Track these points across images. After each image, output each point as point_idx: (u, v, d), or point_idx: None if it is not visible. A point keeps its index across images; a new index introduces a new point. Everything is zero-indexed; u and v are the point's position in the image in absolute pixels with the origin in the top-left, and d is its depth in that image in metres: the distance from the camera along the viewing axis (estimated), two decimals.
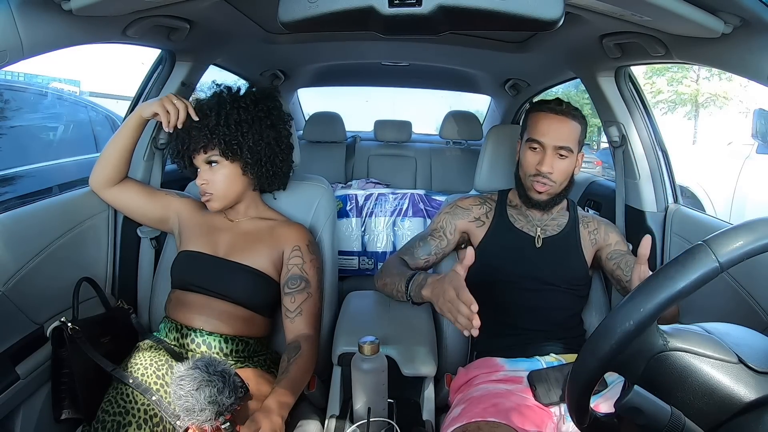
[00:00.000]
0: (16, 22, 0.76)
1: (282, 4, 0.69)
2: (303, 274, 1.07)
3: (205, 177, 1.07)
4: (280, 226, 1.13)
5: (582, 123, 1.09)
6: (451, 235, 1.17)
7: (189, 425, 0.82)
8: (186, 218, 1.16)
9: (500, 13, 0.66)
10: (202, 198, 1.10)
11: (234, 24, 1.30)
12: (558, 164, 1.07)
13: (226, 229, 1.13)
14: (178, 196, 1.20)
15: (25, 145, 2.63)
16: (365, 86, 3.08)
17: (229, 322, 1.03)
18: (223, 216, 1.15)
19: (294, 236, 1.10)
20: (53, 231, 1.05)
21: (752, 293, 0.96)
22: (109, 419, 0.87)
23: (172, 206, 1.17)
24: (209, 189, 1.08)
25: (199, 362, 0.85)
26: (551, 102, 1.09)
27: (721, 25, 0.78)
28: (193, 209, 1.17)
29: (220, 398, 0.81)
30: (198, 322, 1.02)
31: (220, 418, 0.81)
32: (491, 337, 1.12)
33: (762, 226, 0.49)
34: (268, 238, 1.10)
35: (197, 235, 1.11)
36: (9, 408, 0.91)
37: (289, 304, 1.05)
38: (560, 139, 1.06)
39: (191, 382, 0.82)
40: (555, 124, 1.07)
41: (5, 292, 0.91)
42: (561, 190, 1.11)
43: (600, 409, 0.74)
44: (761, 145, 3.90)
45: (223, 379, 0.83)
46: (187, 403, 0.81)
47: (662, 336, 0.52)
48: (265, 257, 1.08)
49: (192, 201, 1.19)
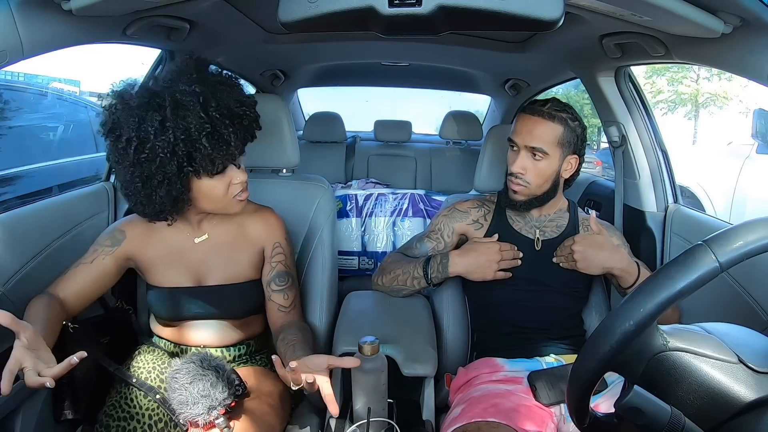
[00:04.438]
0: (16, 22, 0.76)
1: (282, 4, 0.69)
2: (288, 270, 1.04)
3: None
4: (249, 220, 1.03)
5: (565, 125, 1.05)
6: (448, 238, 1.17)
7: (186, 422, 0.82)
8: (139, 252, 0.98)
9: (500, 13, 0.66)
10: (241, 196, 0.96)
11: (234, 24, 1.30)
12: (531, 165, 1.06)
13: (191, 249, 1.00)
14: (113, 239, 0.98)
15: (25, 145, 2.63)
16: (365, 86, 3.08)
17: (226, 335, 1.02)
18: (185, 234, 1.00)
19: (272, 232, 1.04)
20: (53, 231, 1.05)
21: (752, 293, 0.96)
22: (114, 424, 0.87)
23: (118, 256, 0.97)
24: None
25: (194, 356, 0.85)
26: (536, 102, 1.08)
27: (721, 25, 0.78)
28: (141, 238, 0.98)
29: (213, 392, 0.81)
30: (193, 341, 1.00)
31: (213, 413, 0.81)
32: (491, 337, 1.12)
33: (762, 226, 0.49)
34: (243, 241, 1.02)
35: (165, 267, 0.98)
36: (9, 408, 0.91)
37: (282, 300, 1.02)
38: (532, 140, 1.05)
39: (185, 375, 0.82)
40: (529, 124, 1.06)
41: (5, 292, 0.91)
42: (541, 192, 1.09)
43: (600, 409, 0.74)
44: (761, 145, 3.90)
45: (217, 374, 0.83)
46: (180, 396, 0.81)
47: (662, 336, 0.52)
48: (245, 264, 1.02)
49: (133, 227, 0.99)
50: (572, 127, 1.06)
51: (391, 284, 1.17)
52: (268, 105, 1.23)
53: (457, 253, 1.11)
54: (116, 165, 0.88)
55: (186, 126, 0.83)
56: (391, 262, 1.22)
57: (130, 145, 0.83)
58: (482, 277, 1.08)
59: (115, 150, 0.86)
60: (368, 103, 3.96)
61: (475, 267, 1.08)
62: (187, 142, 0.84)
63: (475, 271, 1.08)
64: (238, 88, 0.94)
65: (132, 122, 0.83)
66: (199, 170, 0.87)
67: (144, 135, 0.83)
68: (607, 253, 1.05)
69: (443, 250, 1.18)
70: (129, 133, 0.83)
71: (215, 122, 0.86)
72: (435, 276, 1.11)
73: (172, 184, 0.86)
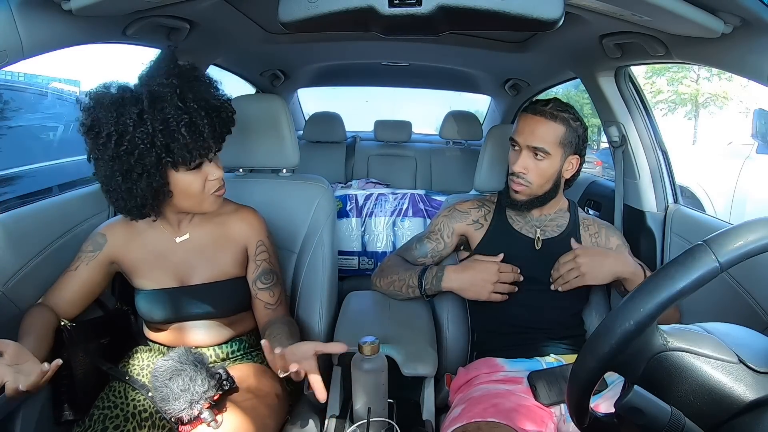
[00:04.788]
0: (16, 22, 0.76)
1: (282, 4, 0.69)
2: (272, 268, 1.05)
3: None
4: (230, 219, 1.04)
5: (567, 125, 1.05)
6: (448, 239, 1.17)
7: (173, 418, 0.83)
8: (122, 254, 0.99)
9: (500, 13, 0.66)
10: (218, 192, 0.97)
11: (234, 24, 1.30)
12: (534, 165, 1.06)
13: (173, 249, 1.00)
14: (94, 244, 0.99)
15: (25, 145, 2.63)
16: (365, 86, 3.08)
17: (217, 333, 1.02)
18: (166, 234, 1.00)
19: (253, 230, 1.04)
20: (53, 231, 1.05)
21: (752, 293, 0.96)
22: (98, 413, 0.89)
23: (101, 261, 0.98)
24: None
25: (173, 353, 0.86)
26: (538, 102, 1.09)
27: (721, 25, 0.78)
28: (122, 241, 0.99)
29: (192, 386, 0.81)
30: (185, 343, 1.00)
31: (195, 407, 0.81)
32: (491, 337, 1.12)
33: (762, 226, 0.49)
34: (224, 239, 1.02)
35: (148, 268, 0.99)
36: (9, 408, 0.91)
37: (268, 298, 1.03)
38: (534, 140, 1.05)
39: (164, 372, 0.83)
40: (532, 124, 1.06)
41: (5, 292, 0.91)
42: (542, 192, 1.09)
43: (600, 409, 0.74)
44: (761, 145, 3.90)
45: (195, 367, 0.83)
46: (162, 393, 0.82)
47: (662, 336, 0.52)
48: (228, 262, 1.02)
49: (114, 230, 1.00)
50: (574, 127, 1.06)
51: (387, 288, 1.17)
52: (268, 105, 1.24)
53: (453, 268, 1.09)
54: (96, 162, 0.89)
55: (164, 117, 0.84)
56: (389, 265, 1.21)
57: (110, 139, 0.84)
58: (476, 297, 1.06)
59: (95, 147, 0.87)
60: (368, 103, 3.96)
61: (469, 285, 1.06)
62: (165, 132, 0.85)
63: (468, 289, 1.07)
64: (213, 83, 0.96)
65: (110, 117, 0.84)
66: (177, 161, 0.88)
67: (123, 128, 0.84)
68: (613, 259, 1.04)
69: (443, 251, 1.18)
70: (108, 128, 0.84)
71: (192, 113, 0.87)
72: (429, 288, 1.10)
73: (152, 176, 0.87)
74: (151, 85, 0.86)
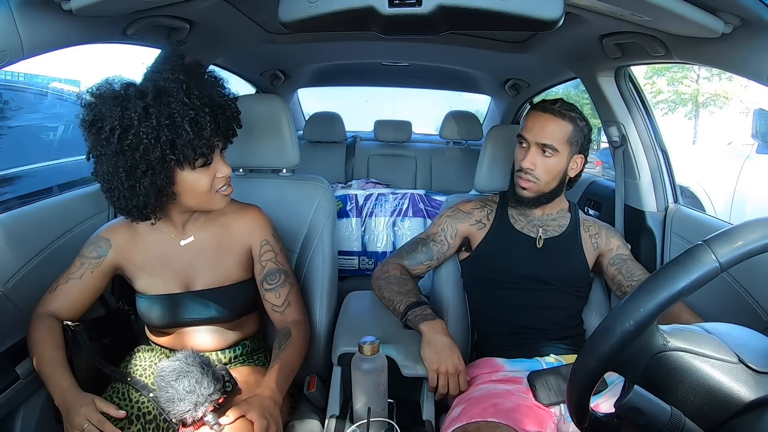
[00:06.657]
0: (16, 22, 0.76)
1: (282, 4, 0.69)
2: (279, 267, 1.02)
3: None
4: (234, 219, 1.02)
5: (575, 124, 1.07)
6: (452, 239, 1.17)
7: (176, 420, 0.83)
8: (126, 260, 0.97)
9: (500, 13, 0.66)
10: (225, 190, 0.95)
11: (234, 24, 1.30)
12: (542, 161, 1.07)
13: (177, 252, 0.98)
14: (98, 249, 0.97)
15: (26, 145, 2.63)
16: (365, 86, 3.08)
17: (220, 338, 1.01)
18: (170, 236, 0.98)
19: (257, 230, 1.02)
20: (53, 231, 1.05)
21: (752, 293, 0.96)
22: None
23: (105, 268, 0.97)
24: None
25: (180, 354, 0.86)
26: (546, 101, 1.10)
27: (721, 25, 0.78)
28: (126, 245, 0.97)
29: (198, 388, 0.81)
30: (188, 347, 0.98)
31: (200, 409, 0.81)
32: (491, 337, 1.12)
33: (762, 226, 0.49)
34: (228, 241, 1.00)
35: (152, 274, 0.97)
36: (9, 408, 0.91)
37: (274, 299, 1.01)
38: (543, 136, 1.06)
39: (170, 373, 0.82)
40: (541, 121, 1.07)
41: (5, 292, 0.91)
42: (549, 189, 1.10)
43: (600, 409, 0.74)
44: (761, 145, 3.89)
45: (202, 370, 0.83)
46: (167, 393, 0.81)
47: (662, 336, 0.52)
48: (233, 266, 1.00)
49: (116, 233, 0.98)
50: (580, 126, 1.08)
51: (380, 298, 1.15)
52: (268, 105, 1.24)
53: (433, 330, 1.00)
54: (98, 158, 0.86)
55: (170, 112, 0.83)
56: (387, 278, 1.14)
57: (114, 134, 0.82)
58: (429, 362, 0.96)
59: (97, 142, 0.85)
60: (368, 103, 3.96)
61: (432, 357, 0.96)
62: (170, 127, 0.83)
63: (431, 359, 0.96)
64: (219, 81, 0.94)
65: (115, 111, 0.82)
66: (181, 159, 0.86)
67: (128, 122, 0.82)
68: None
69: (446, 252, 1.18)
70: (112, 122, 0.82)
71: (197, 109, 0.85)
72: (410, 321, 1.04)
73: (156, 173, 0.85)
74: (157, 79, 0.85)
